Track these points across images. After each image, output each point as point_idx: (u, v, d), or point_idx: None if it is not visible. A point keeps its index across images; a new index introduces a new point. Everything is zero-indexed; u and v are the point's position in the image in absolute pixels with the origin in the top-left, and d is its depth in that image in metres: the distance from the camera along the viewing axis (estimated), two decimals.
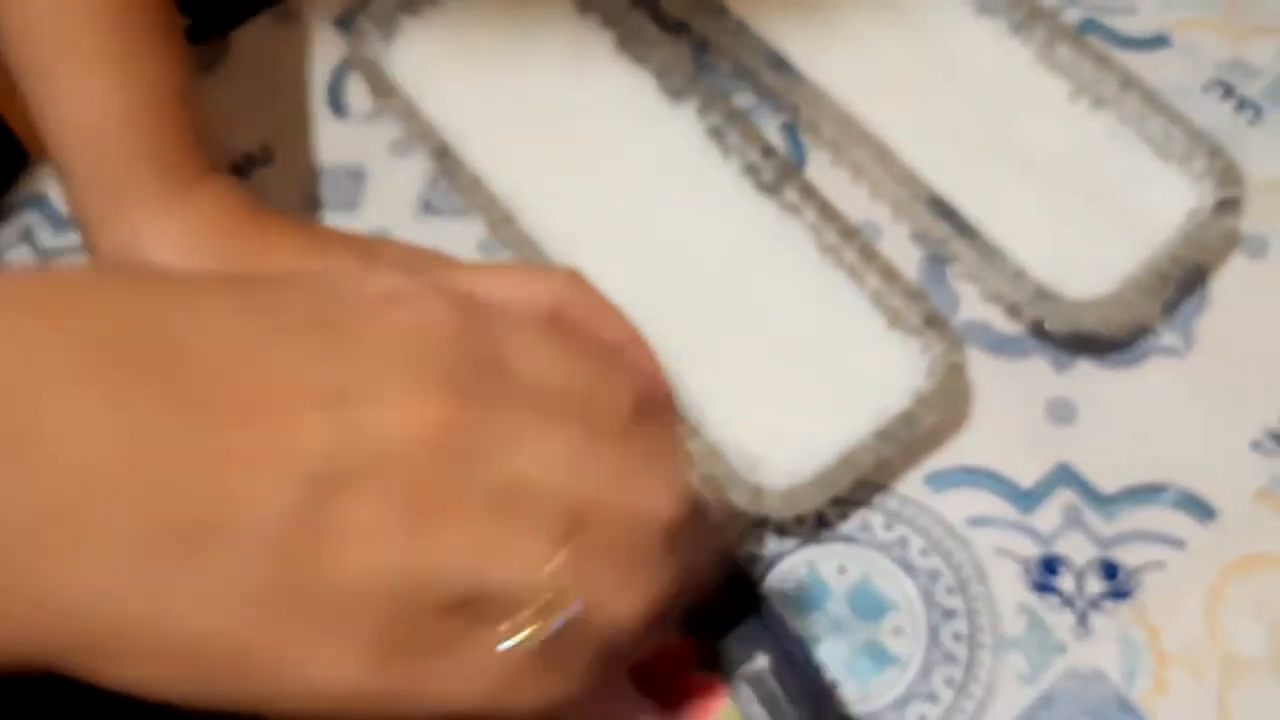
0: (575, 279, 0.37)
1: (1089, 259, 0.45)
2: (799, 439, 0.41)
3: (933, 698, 0.39)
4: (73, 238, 0.49)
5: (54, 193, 0.50)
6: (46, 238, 0.50)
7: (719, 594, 0.29)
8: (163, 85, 0.39)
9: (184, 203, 0.38)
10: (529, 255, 0.44)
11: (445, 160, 0.47)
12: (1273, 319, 0.46)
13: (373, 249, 0.39)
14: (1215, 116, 0.49)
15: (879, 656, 0.40)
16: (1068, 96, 0.48)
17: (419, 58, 0.50)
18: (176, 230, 0.37)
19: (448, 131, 0.48)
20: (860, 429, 0.41)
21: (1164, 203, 0.46)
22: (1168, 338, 0.45)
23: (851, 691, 0.39)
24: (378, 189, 0.50)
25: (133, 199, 0.38)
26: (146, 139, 0.38)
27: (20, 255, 0.49)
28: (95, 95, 0.38)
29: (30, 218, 0.50)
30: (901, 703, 0.39)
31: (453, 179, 0.47)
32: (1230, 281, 0.46)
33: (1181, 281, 0.45)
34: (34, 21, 0.38)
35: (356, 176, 0.50)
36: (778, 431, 0.41)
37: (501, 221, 0.45)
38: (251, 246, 0.38)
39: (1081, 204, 0.46)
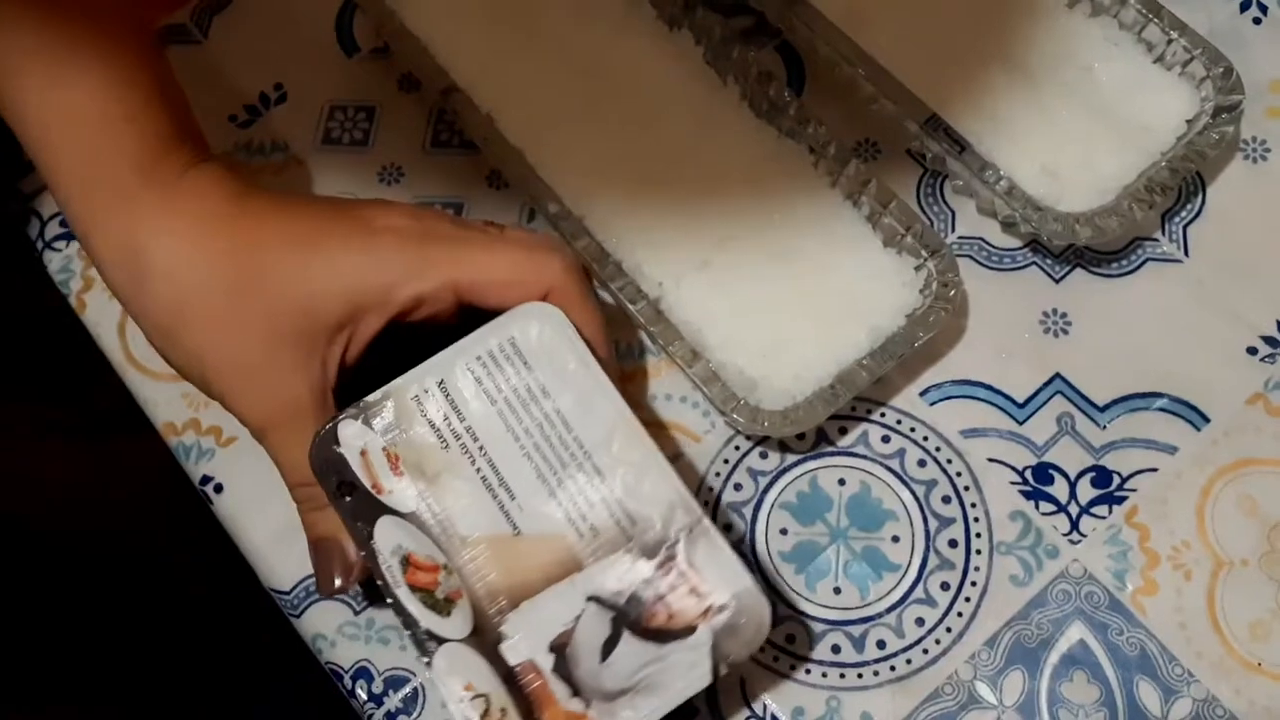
0: (568, 269, 0.39)
1: (1087, 170, 0.45)
2: (797, 359, 0.42)
3: (930, 601, 0.41)
4: None
5: None
6: None
7: None
8: (139, 82, 0.39)
9: (169, 199, 0.38)
10: (536, 190, 0.45)
11: (452, 97, 0.48)
12: (1271, 224, 0.46)
13: (368, 216, 0.39)
14: (1220, 16, 0.49)
15: (878, 563, 0.42)
16: (1065, 3, 0.48)
17: None
18: (167, 226, 0.38)
19: (454, 68, 0.48)
20: (857, 348, 0.42)
21: (1163, 110, 0.46)
22: (1165, 245, 0.46)
23: (851, 597, 0.41)
24: (388, 125, 0.51)
25: (121, 199, 0.38)
26: (128, 139, 0.38)
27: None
28: (72, 99, 0.38)
29: None
30: (899, 606, 0.41)
31: (459, 115, 0.48)
32: (1229, 187, 0.46)
33: (1179, 190, 0.46)
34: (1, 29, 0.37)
35: (367, 113, 0.51)
36: (776, 352, 0.43)
37: (508, 157, 0.46)
38: (241, 237, 0.38)
39: (1079, 114, 0.46)
